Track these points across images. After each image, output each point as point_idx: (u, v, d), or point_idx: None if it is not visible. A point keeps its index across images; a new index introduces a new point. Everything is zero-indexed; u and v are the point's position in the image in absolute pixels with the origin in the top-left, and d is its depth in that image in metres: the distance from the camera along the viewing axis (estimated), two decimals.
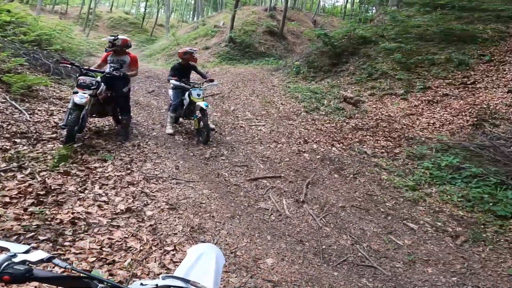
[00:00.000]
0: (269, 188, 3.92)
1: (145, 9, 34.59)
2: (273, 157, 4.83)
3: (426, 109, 6.20)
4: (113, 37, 4.13)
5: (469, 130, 5.22)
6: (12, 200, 2.35)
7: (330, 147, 5.37)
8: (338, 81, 8.27)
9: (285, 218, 3.36)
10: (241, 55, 13.16)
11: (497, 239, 3.30)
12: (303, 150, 5.19)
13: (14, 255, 0.54)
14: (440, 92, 6.45)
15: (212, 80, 5.25)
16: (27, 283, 0.52)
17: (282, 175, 4.30)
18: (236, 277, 2.29)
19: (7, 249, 0.55)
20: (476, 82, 6.39)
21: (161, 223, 2.67)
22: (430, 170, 4.52)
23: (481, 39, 7.69)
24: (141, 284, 0.64)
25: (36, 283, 1.65)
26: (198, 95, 4.79)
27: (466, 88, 6.31)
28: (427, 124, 5.76)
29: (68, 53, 9.40)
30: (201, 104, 4.63)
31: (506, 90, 5.88)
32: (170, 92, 5.26)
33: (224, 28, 15.60)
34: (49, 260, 0.57)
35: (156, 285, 0.67)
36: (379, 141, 5.58)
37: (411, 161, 4.89)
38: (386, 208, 3.81)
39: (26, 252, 0.56)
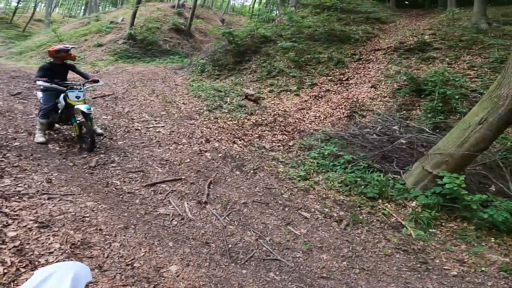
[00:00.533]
0: (169, 192, 3.74)
1: (18, 3, 28.44)
2: (172, 159, 4.62)
3: (313, 103, 7.00)
4: None
5: (344, 121, 6.16)
6: None
7: (231, 145, 5.50)
8: (241, 79, 8.56)
9: (188, 222, 3.26)
10: (142, 53, 12.44)
11: (371, 220, 3.76)
12: (205, 150, 5.15)
13: None
14: (324, 88, 7.40)
15: (96, 81, 4.65)
16: None
17: (183, 177, 4.16)
18: None
19: None
20: (349, 79, 7.60)
21: (29, 243, 2.31)
22: (317, 160, 5.10)
23: (354, 39, 9.16)
24: None
25: None
26: (77, 97, 4.19)
27: (342, 84, 7.42)
28: (314, 117, 6.52)
29: None
30: (82, 107, 4.07)
31: (370, 85, 7.18)
32: (39, 94, 4.50)
33: (123, 24, 14.43)
34: None
35: None
36: (276, 136, 6.02)
37: (302, 152, 5.43)
38: (284, 200, 4.03)
39: None
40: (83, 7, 37.48)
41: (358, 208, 4.03)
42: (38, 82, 4.12)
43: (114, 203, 3.28)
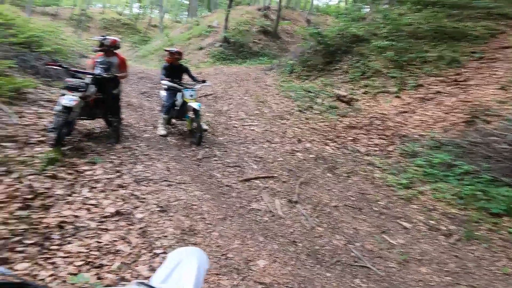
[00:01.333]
0: (262, 189, 3.89)
1: (139, 10, 34.44)
2: (266, 157, 4.81)
3: (418, 106, 6.22)
4: (102, 37, 4.08)
5: (461, 127, 5.25)
6: (0, 204, 2.32)
7: (323, 146, 5.38)
8: (332, 80, 8.26)
9: (278, 219, 3.33)
10: (235, 55, 13.12)
11: (491, 237, 3.30)
12: (297, 150, 5.18)
13: None
14: (432, 90, 6.48)
15: (204, 81, 5.20)
16: None
17: (275, 175, 4.27)
18: (227, 279, 2.27)
19: None
20: (468, 79, 6.42)
21: (151, 226, 2.64)
22: (423, 168, 4.55)
23: (471, 36, 7.72)
24: None
25: None
26: (191, 95, 4.75)
27: (458, 86, 6.34)
28: (419, 121, 5.78)
29: (59, 55, 9.22)
30: (194, 105, 4.60)
31: (498, 87, 5.91)
32: (163, 93, 5.20)
33: (218, 28, 15.53)
34: None
35: None
36: (372, 139, 5.60)
37: (404, 159, 4.91)
38: (380, 207, 3.81)
39: None
40: (185, 13, 42.20)
41: (475, 224, 3.52)
42: (163, 82, 4.84)
43: (215, 194, 3.59)
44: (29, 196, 2.49)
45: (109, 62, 4.11)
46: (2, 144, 3.15)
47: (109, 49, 4.09)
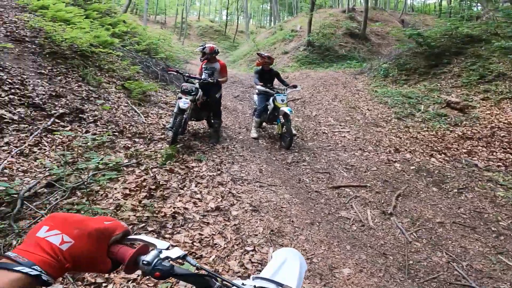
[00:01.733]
0: (352, 198, 3.73)
1: (227, 17, 36.84)
2: (358, 165, 4.54)
3: None
4: (201, 47, 4.54)
5: None
6: (131, 192, 2.82)
7: (428, 158, 4.73)
8: (439, 84, 7.22)
9: (368, 229, 3.17)
10: (320, 59, 12.82)
11: None
12: (394, 160, 4.71)
13: (161, 251, 0.58)
14: None
15: (295, 86, 5.24)
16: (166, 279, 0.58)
17: (368, 184, 4.03)
18: (309, 283, 2.26)
19: (154, 245, 0.59)
20: None
21: (244, 224, 2.80)
22: None
23: None
24: (242, 284, 0.66)
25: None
26: (282, 100, 4.87)
27: None
28: None
29: (170, 61, 10.48)
30: (285, 109, 4.69)
31: None
32: (255, 97, 5.46)
33: (302, 32, 15.46)
34: (184, 257, 0.59)
35: (254, 286, 0.69)
36: (494, 153, 4.63)
37: None
38: (499, 228, 3.25)
39: (167, 248, 0.59)
40: (268, 17, 43.12)
41: None
42: (257, 86, 5.09)
43: (304, 199, 3.59)
44: (153, 187, 2.97)
45: (212, 68, 4.56)
46: (134, 139, 3.89)
47: (210, 56, 4.52)
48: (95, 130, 3.77)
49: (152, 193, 2.88)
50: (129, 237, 0.59)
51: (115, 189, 2.81)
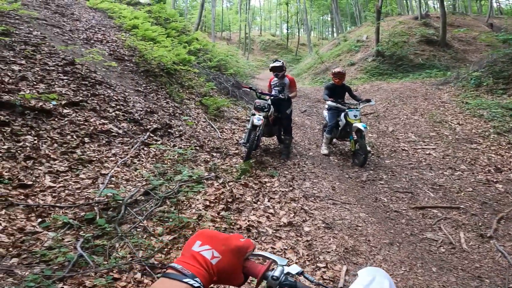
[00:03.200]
0: (441, 219, 3.39)
1: (287, 30, 36.84)
2: (448, 185, 4.02)
3: None
4: (277, 62, 4.57)
5: None
6: (211, 204, 3.02)
7: None
8: None
9: (460, 252, 2.91)
10: (392, 69, 11.96)
11: None
12: (495, 180, 4.05)
13: (283, 268, 0.60)
14: None
15: (369, 100, 4.97)
16: None
17: (462, 206, 3.61)
18: None
19: (275, 261, 0.62)
20: None
21: (316, 240, 2.76)
22: None
23: None
24: None
25: None
26: (355, 116, 4.67)
27: None
28: None
29: (239, 77, 10.53)
30: (359, 125, 4.48)
31: None
32: (325, 113, 5.33)
33: (368, 42, 14.69)
34: (301, 273, 0.61)
35: None
36: None
37: None
38: None
39: (286, 265, 0.62)
40: (330, 29, 41.65)
41: None
42: (328, 102, 4.95)
43: (381, 219, 3.36)
44: (230, 200, 3.13)
45: (281, 84, 4.63)
46: (212, 153, 4.20)
47: (280, 72, 4.57)
48: (181, 144, 4.19)
49: (229, 205, 3.04)
50: (254, 253, 0.63)
51: (197, 200, 3.06)
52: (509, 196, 3.75)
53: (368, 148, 4.98)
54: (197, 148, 4.25)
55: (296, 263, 2.42)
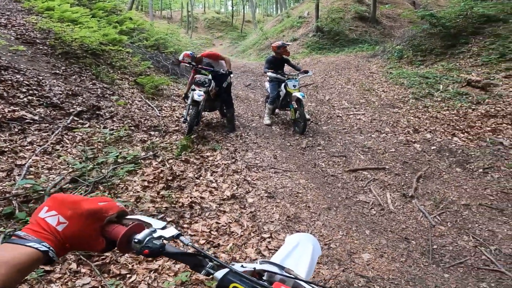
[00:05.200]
0: (371, 181, 3.67)
1: (232, 7, 36.08)
2: (375, 147, 4.44)
3: None
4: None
5: None
6: (149, 184, 2.88)
7: (450, 137, 4.56)
8: (457, 64, 7.01)
9: (388, 213, 3.13)
10: (331, 44, 12.60)
11: None
12: (413, 140, 4.58)
13: (154, 231, 0.59)
14: None
15: (306, 71, 5.17)
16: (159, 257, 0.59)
17: (387, 167, 3.96)
18: (327, 269, 2.28)
19: (150, 225, 0.61)
20: None
21: (260, 211, 2.82)
22: None
23: None
24: (242, 266, 0.66)
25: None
26: (294, 86, 4.83)
27: None
28: None
29: (180, 55, 10.46)
30: (298, 94, 4.65)
31: None
32: (267, 84, 5.43)
33: (310, 18, 15.15)
34: (177, 237, 0.61)
35: (254, 268, 0.68)
36: None
37: None
38: None
39: (163, 228, 0.61)
40: (274, 5, 41.79)
41: None
42: (268, 73, 5.06)
43: (320, 184, 3.56)
44: (170, 178, 3.03)
45: (207, 64, 4.44)
46: (150, 132, 3.97)
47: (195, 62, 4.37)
48: (112, 126, 3.87)
49: (169, 184, 2.95)
50: (127, 217, 0.61)
51: (135, 181, 2.89)
52: (426, 154, 4.23)
53: (307, 116, 5.21)
54: (132, 128, 3.97)
55: (241, 236, 2.47)
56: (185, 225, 2.48)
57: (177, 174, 3.11)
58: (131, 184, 2.85)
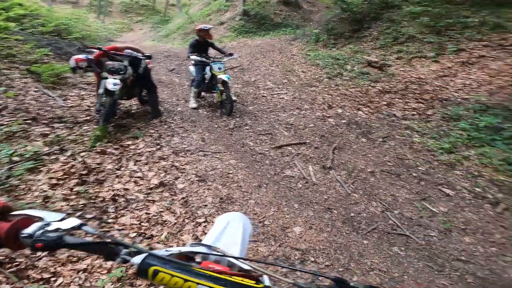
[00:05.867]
0: (295, 155, 3.89)
1: None
2: (297, 123, 4.78)
3: (460, 70, 5.73)
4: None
5: (509, 90, 4.77)
6: (59, 181, 2.54)
7: (356, 111, 5.21)
8: (361, 47, 7.92)
9: (312, 185, 3.33)
10: (257, 27, 12.79)
11: None
12: (328, 116, 5.08)
13: (48, 224, 0.55)
14: (475, 54, 5.94)
15: (231, 54, 5.18)
16: (60, 249, 0.55)
17: (307, 141, 4.26)
18: (265, 246, 2.35)
19: (41, 218, 0.57)
20: None
21: (192, 196, 2.76)
22: (468, 132, 4.25)
23: None
24: (166, 250, 0.65)
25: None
26: (219, 68, 4.79)
27: (505, 50, 5.76)
28: (462, 85, 5.33)
29: (88, 40, 9.63)
30: (223, 76, 4.63)
31: None
32: (192, 68, 5.27)
33: (237, 1, 15.09)
34: (79, 227, 0.58)
35: (179, 251, 0.67)
36: (409, 103, 5.30)
37: (446, 122, 4.61)
38: (419, 173, 3.65)
39: (61, 220, 0.57)
40: None
41: None
42: (192, 57, 4.89)
43: (249, 162, 3.65)
44: (84, 172, 2.71)
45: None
46: (52, 125, 3.41)
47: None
48: (2, 121, 3.20)
49: (84, 178, 2.64)
50: (12, 213, 0.57)
51: (39, 180, 2.50)
52: (338, 128, 4.72)
53: (234, 97, 5.23)
54: (29, 121, 3.35)
55: (175, 223, 2.38)
56: (110, 220, 2.29)
57: (92, 167, 2.80)
58: (35, 183, 2.46)
